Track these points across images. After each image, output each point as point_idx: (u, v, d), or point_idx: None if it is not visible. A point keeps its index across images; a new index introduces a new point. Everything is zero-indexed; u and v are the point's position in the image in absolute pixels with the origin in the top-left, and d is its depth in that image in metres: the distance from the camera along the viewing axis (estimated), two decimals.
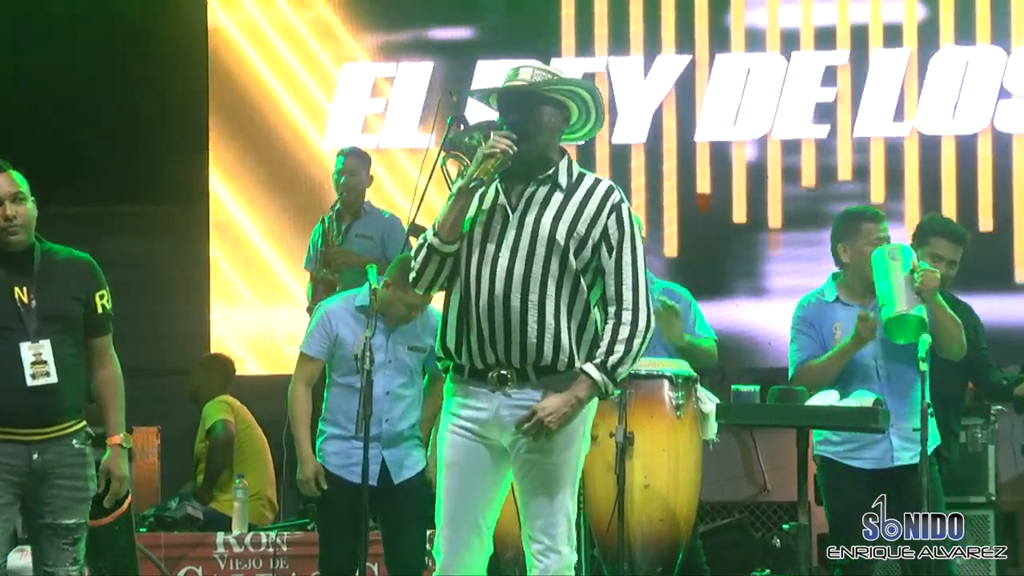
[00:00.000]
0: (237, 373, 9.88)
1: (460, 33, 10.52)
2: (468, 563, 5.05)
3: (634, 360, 5.00)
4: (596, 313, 5.04)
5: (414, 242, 8.64)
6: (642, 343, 5.00)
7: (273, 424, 8.96)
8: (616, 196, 5.04)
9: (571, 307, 4.97)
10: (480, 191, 5.01)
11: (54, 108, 10.94)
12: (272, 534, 8.38)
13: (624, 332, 4.96)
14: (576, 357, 4.98)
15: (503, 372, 4.96)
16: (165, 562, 8.18)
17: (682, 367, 6.95)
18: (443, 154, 8.52)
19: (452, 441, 5.04)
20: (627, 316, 4.98)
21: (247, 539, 8.33)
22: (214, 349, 10.32)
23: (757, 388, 6.86)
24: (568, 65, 10.09)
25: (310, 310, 8.44)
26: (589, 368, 4.94)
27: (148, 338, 11.45)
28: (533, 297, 4.92)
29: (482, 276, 4.95)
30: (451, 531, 5.03)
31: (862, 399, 6.62)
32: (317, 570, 7.09)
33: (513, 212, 5.00)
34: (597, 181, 5.08)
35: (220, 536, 8.39)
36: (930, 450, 6.60)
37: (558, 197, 5.01)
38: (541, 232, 4.95)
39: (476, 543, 5.05)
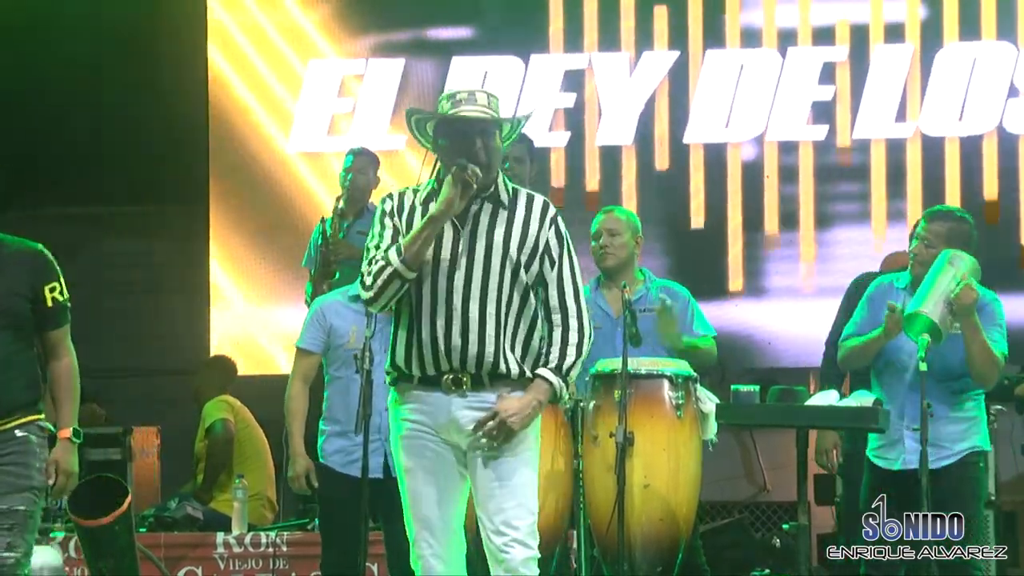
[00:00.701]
0: (238, 373, 9.88)
1: (441, 32, 10.50)
2: (453, 562, 5.21)
3: (581, 364, 5.28)
4: (538, 322, 5.27)
5: None
6: (588, 347, 5.29)
7: (273, 424, 8.96)
8: (552, 210, 5.28)
9: (519, 317, 5.22)
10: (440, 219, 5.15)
11: (54, 108, 10.95)
12: (272, 534, 8.38)
13: (573, 337, 5.24)
14: (523, 364, 5.21)
15: (459, 376, 5.17)
16: (165, 562, 8.18)
17: (682, 367, 6.95)
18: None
19: (409, 446, 5.22)
20: (574, 323, 5.24)
21: (247, 539, 8.33)
22: (213, 349, 10.32)
23: (757, 388, 6.86)
24: (551, 64, 10.10)
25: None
26: (546, 373, 5.20)
27: (148, 338, 11.47)
28: (491, 308, 5.15)
29: (438, 290, 5.15)
30: (429, 533, 5.19)
31: (862, 399, 6.62)
32: (317, 570, 7.08)
33: (463, 229, 5.20)
34: (531, 196, 5.30)
35: (220, 536, 8.39)
36: (970, 451, 6.58)
37: (503, 214, 5.23)
38: (495, 247, 5.18)
39: (455, 541, 5.22)
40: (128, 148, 11.08)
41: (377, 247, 5.22)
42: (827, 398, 6.76)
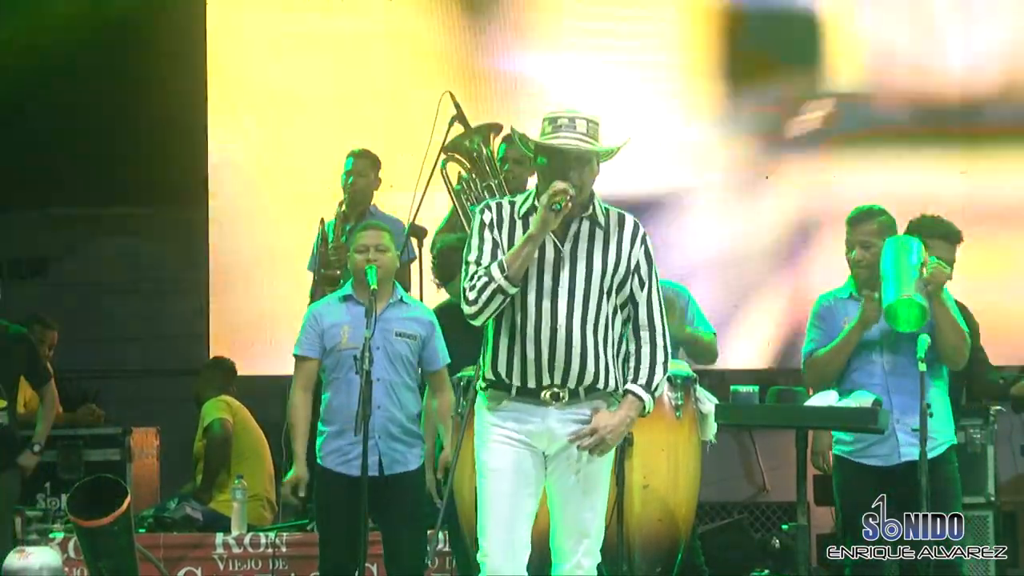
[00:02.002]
0: (237, 374, 9.88)
1: None
2: (520, 561, 5.44)
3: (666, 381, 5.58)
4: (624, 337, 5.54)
5: (415, 243, 8.74)
6: (668, 364, 5.53)
7: (273, 425, 8.96)
8: (642, 230, 5.51)
9: (612, 333, 5.46)
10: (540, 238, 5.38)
11: (54, 108, 10.95)
12: (271, 535, 8.38)
13: (661, 356, 5.48)
14: (618, 379, 5.47)
15: (556, 391, 5.41)
16: (164, 563, 8.18)
17: (681, 367, 6.95)
18: (443, 156, 8.54)
19: (497, 449, 5.45)
20: (660, 341, 5.49)
21: (246, 540, 8.33)
22: (213, 350, 10.32)
23: (756, 388, 6.86)
24: None
25: None
26: (637, 390, 5.43)
27: (148, 338, 11.47)
28: (590, 327, 5.40)
29: (543, 308, 5.39)
30: (505, 531, 5.41)
31: (861, 399, 6.62)
32: (316, 570, 7.08)
33: (563, 247, 5.42)
34: (622, 216, 5.51)
35: (219, 537, 8.39)
36: (946, 447, 6.61)
37: (599, 234, 5.46)
38: (593, 269, 5.41)
39: (523, 543, 5.45)
40: (128, 148, 11.08)
41: (477, 261, 5.44)
42: (827, 398, 6.76)
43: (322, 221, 8.89)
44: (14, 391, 8.30)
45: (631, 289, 5.45)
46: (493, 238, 5.44)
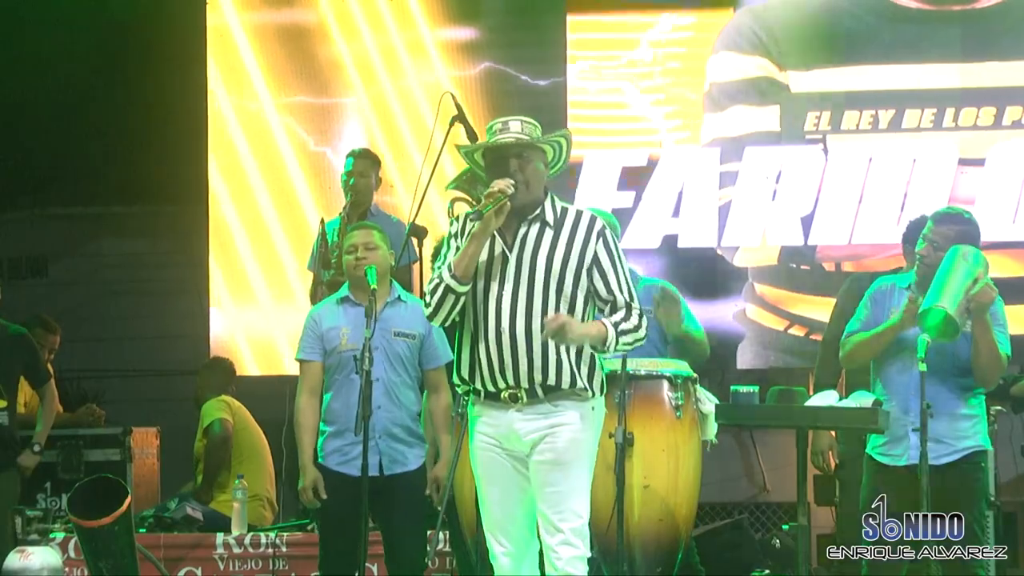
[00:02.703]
0: (237, 374, 9.88)
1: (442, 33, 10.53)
2: (524, 561, 5.59)
3: (631, 345, 5.59)
4: None
5: (415, 243, 8.73)
6: (642, 336, 5.60)
7: (273, 424, 8.97)
8: (599, 224, 5.59)
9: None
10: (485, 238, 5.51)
11: (54, 108, 10.96)
12: (271, 535, 8.37)
13: (635, 319, 5.55)
14: (578, 376, 5.55)
15: (514, 391, 5.53)
16: (165, 563, 8.18)
17: (681, 367, 6.96)
18: (452, 196, 8.51)
19: (481, 456, 5.64)
20: (635, 312, 5.56)
21: (246, 540, 8.33)
22: (213, 350, 10.33)
23: (756, 388, 6.85)
24: None
25: None
26: (604, 319, 5.50)
27: (148, 338, 11.48)
28: (535, 327, 5.48)
29: (488, 312, 5.52)
30: (500, 535, 5.58)
31: (861, 400, 6.61)
32: (317, 570, 7.08)
33: (511, 252, 5.55)
34: (579, 213, 5.62)
35: (219, 537, 8.38)
36: (974, 449, 6.57)
37: (548, 233, 5.56)
38: (538, 268, 5.52)
39: (525, 542, 5.58)
40: (128, 148, 11.09)
41: (440, 267, 5.59)
42: (827, 399, 6.76)
43: (322, 221, 8.89)
44: (14, 391, 8.30)
45: (593, 284, 5.53)
46: (457, 246, 5.58)
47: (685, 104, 10.29)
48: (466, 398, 5.70)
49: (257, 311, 10.42)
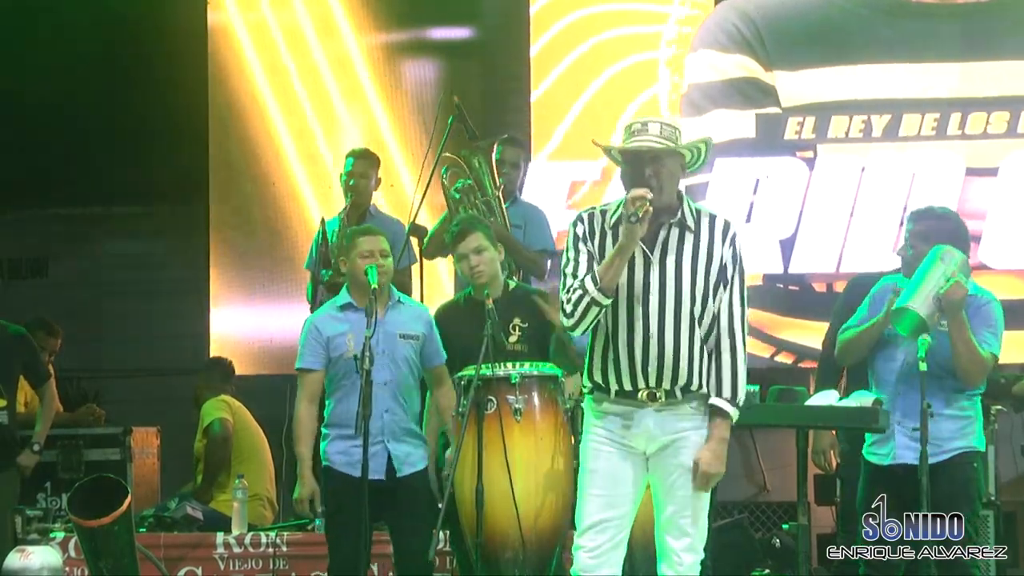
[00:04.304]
0: (236, 373, 9.88)
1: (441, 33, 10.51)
2: (614, 561, 5.56)
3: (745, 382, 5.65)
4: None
5: (415, 243, 8.73)
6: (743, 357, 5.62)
7: (273, 424, 8.97)
8: (732, 230, 5.62)
9: (703, 335, 5.55)
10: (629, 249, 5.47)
11: (54, 108, 10.95)
12: (272, 534, 8.37)
13: (743, 368, 5.59)
14: (710, 376, 5.56)
15: (653, 391, 5.53)
16: (165, 562, 8.18)
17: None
18: (446, 163, 8.50)
19: (594, 451, 5.59)
20: (741, 352, 5.59)
21: (247, 539, 8.33)
22: (213, 349, 10.33)
23: (756, 388, 6.85)
24: None
25: (312, 310, 8.42)
26: (723, 405, 5.54)
27: (148, 338, 11.47)
28: (684, 331, 5.51)
29: (635, 315, 5.51)
30: (594, 532, 5.54)
31: (862, 399, 6.61)
32: (317, 570, 7.07)
33: (653, 255, 5.53)
34: (712, 216, 5.61)
35: (220, 536, 8.38)
36: (963, 450, 6.54)
37: (689, 238, 5.57)
38: (683, 274, 5.53)
39: (618, 541, 5.56)
40: (127, 148, 11.09)
41: (574, 274, 5.55)
42: (827, 398, 6.76)
43: (322, 221, 8.89)
44: (14, 391, 8.30)
45: (719, 291, 5.54)
46: (588, 250, 5.55)
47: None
48: (587, 395, 5.64)
49: (257, 311, 10.42)
